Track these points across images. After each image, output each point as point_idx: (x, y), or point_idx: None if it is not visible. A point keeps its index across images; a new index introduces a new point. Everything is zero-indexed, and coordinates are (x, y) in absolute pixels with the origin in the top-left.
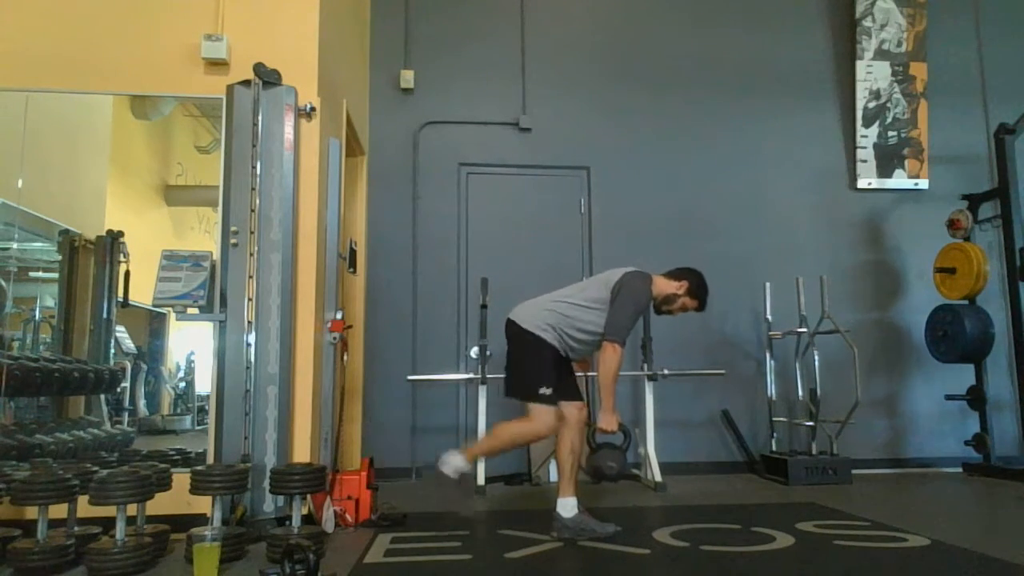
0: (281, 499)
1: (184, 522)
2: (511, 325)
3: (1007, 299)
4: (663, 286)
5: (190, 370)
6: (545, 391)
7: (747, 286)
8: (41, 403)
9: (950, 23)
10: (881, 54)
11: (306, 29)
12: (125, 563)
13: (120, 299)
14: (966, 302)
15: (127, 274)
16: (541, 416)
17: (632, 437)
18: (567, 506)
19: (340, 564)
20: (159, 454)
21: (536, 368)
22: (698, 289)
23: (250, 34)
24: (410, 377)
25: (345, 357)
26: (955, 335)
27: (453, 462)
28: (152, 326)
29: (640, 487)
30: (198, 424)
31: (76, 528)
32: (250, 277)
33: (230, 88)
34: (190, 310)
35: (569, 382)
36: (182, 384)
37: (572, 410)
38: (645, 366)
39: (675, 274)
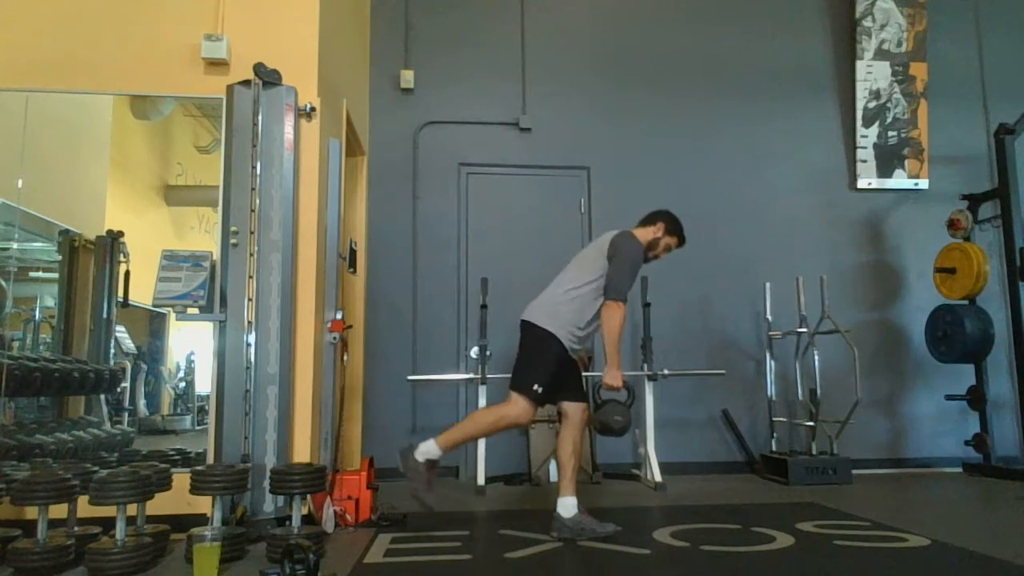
0: (281, 499)
1: (184, 522)
2: (524, 323)
3: (1007, 299)
4: (643, 235)
5: (190, 370)
6: (537, 389)
7: (747, 286)
8: (41, 403)
9: (950, 23)
10: (881, 54)
11: (306, 29)
12: (125, 563)
13: (120, 299)
14: (966, 302)
15: (127, 274)
16: (520, 403)
17: (634, 394)
18: (567, 506)
19: (340, 564)
20: (159, 454)
21: (538, 364)
22: (674, 225)
23: (250, 34)
24: (410, 377)
25: (345, 357)
26: (955, 335)
27: (426, 448)
28: (152, 326)
29: (640, 487)
30: (198, 424)
31: (76, 528)
32: (250, 277)
33: (230, 88)
34: (190, 310)
35: (573, 383)
36: (182, 384)
37: (576, 410)
38: (645, 366)
39: (648, 220)
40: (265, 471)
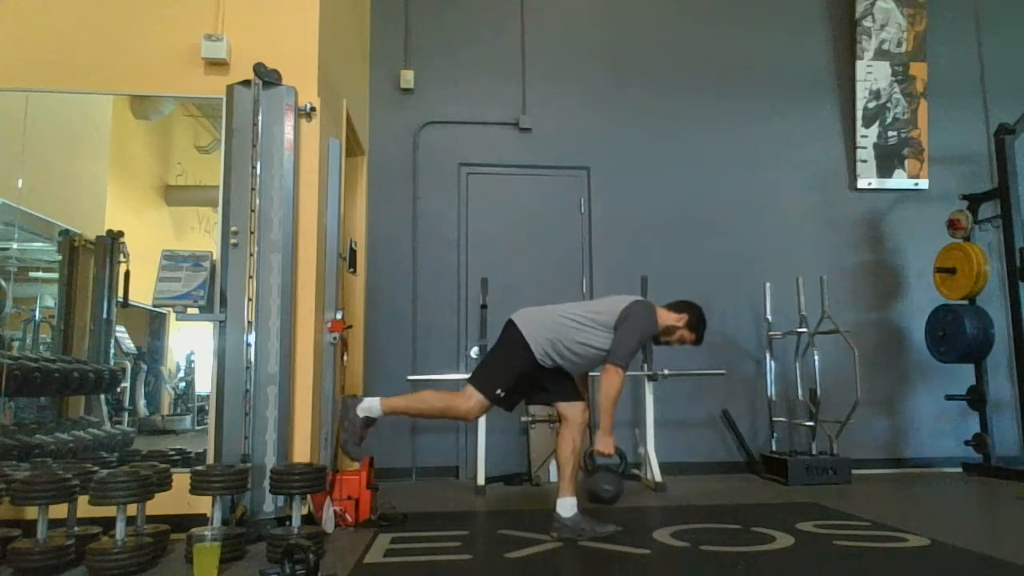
0: (281, 499)
1: (184, 522)
2: (509, 323)
3: (1007, 299)
4: (664, 317)
5: (190, 370)
6: (500, 393)
7: (747, 286)
8: (41, 403)
9: (950, 23)
10: (881, 54)
11: (306, 29)
12: (125, 563)
13: (120, 299)
14: (966, 302)
15: (127, 274)
16: (474, 399)
17: (627, 461)
18: (567, 506)
19: (340, 564)
20: (159, 454)
21: (505, 368)
22: (697, 323)
23: (250, 34)
24: (410, 377)
25: (345, 357)
26: (955, 335)
27: (369, 404)
28: (152, 326)
29: (640, 487)
30: (198, 424)
31: (76, 528)
32: (250, 277)
33: (230, 88)
34: (190, 310)
35: (565, 386)
36: (182, 384)
37: (574, 410)
38: (645, 366)
39: (676, 307)
40: (265, 471)
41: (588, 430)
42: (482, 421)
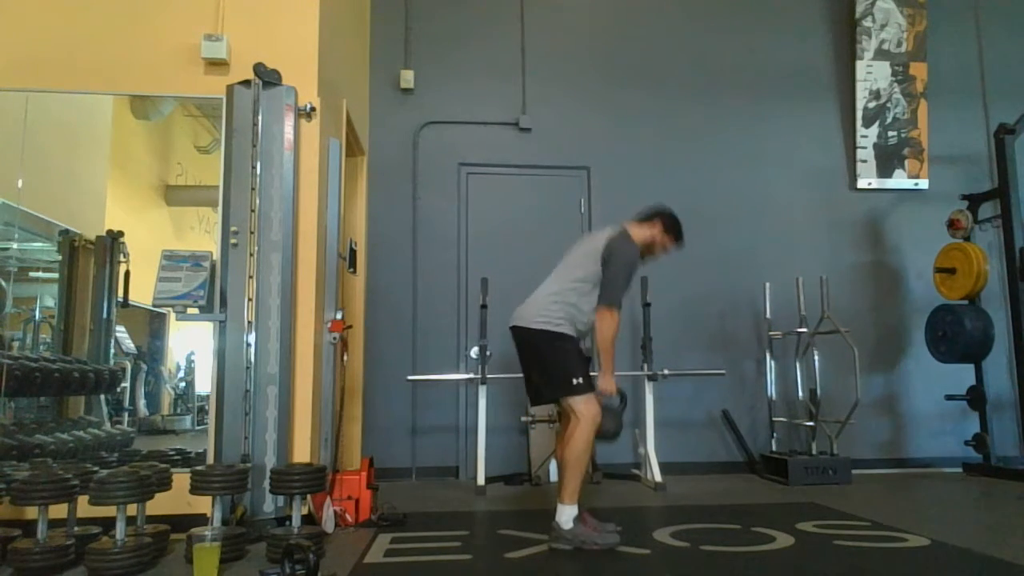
0: (281, 499)
1: (184, 522)
2: (519, 331)
3: (1007, 299)
4: (639, 234)
5: (190, 370)
6: (578, 381)
7: (747, 286)
8: (41, 403)
9: (950, 23)
10: (881, 54)
11: (306, 29)
12: (125, 563)
13: (120, 299)
14: (966, 302)
15: (127, 274)
16: (584, 407)
17: (626, 400)
18: (566, 516)
19: (340, 564)
20: (159, 454)
21: (562, 361)
22: (672, 223)
23: (250, 34)
24: (410, 377)
25: (345, 357)
26: (955, 335)
27: (567, 515)
28: (152, 326)
29: (640, 487)
30: (198, 424)
31: (76, 528)
32: (250, 277)
33: (230, 88)
34: (190, 310)
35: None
36: (182, 384)
37: (592, 407)
38: (645, 366)
39: (647, 217)
40: (265, 471)
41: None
42: (482, 421)
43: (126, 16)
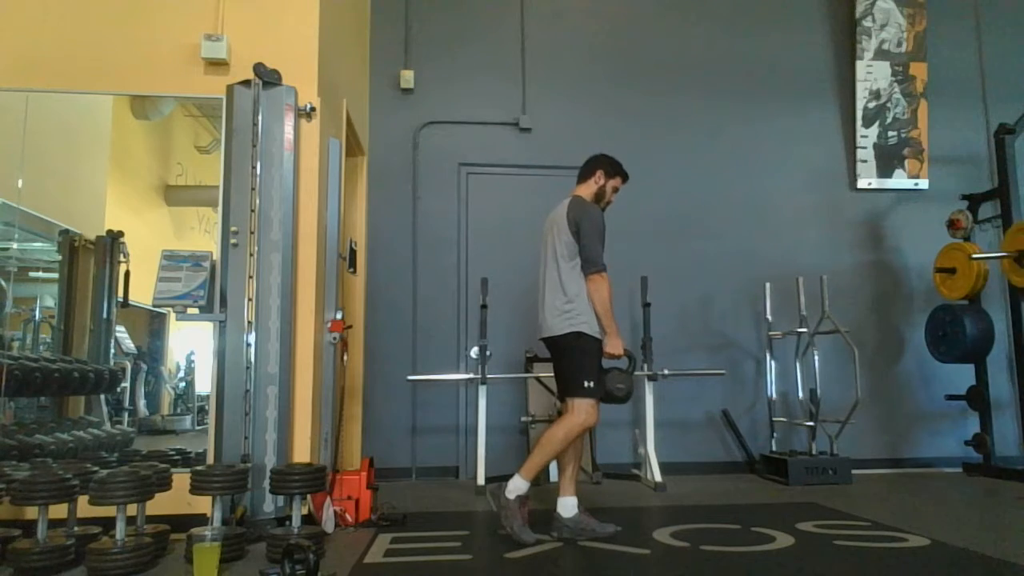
0: (281, 499)
1: (184, 522)
2: (547, 341)
3: (1007, 299)
4: (588, 192)
5: (190, 370)
6: (588, 384)
7: (747, 286)
8: (41, 403)
9: (950, 23)
10: (881, 54)
11: (306, 29)
12: (125, 563)
13: (120, 299)
14: (966, 302)
15: (127, 274)
16: (585, 407)
17: (636, 361)
18: (567, 506)
19: (340, 564)
20: (159, 454)
21: (578, 362)
22: (612, 166)
23: (250, 34)
24: (410, 377)
25: (345, 357)
26: (955, 335)
27: (514, 485)
28: (152, 326)
29: (640, 487)
30: (198, 424)
31: (76, 528)
32: (250, 277)
33: (230, 88)
34: (190, 310)
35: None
36: (182, 384)
37: (592, 413)
38: (645, 366)
39: (587, 172)
40: (265, 471)
41: (590, 432)
42: (482, 421)
43: (126, 16)
